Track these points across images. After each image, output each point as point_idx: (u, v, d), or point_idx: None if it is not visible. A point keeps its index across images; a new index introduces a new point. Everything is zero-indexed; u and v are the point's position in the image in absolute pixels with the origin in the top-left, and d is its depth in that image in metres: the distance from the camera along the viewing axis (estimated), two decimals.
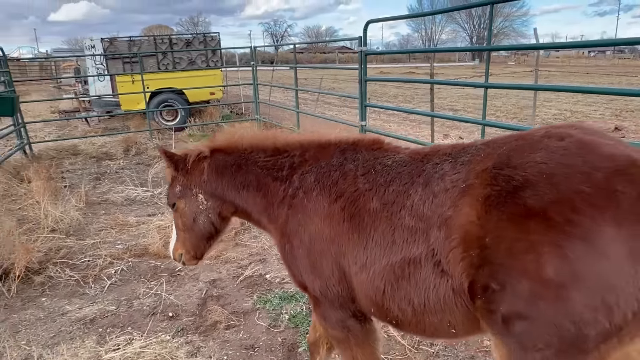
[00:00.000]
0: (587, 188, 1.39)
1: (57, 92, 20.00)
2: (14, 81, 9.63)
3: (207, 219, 2.47)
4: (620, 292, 1.32)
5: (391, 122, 13.07)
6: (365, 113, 7.03)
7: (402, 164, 1.93)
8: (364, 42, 6.54)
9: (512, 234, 1.47)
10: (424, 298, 1.73)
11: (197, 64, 12.72)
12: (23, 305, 3.91)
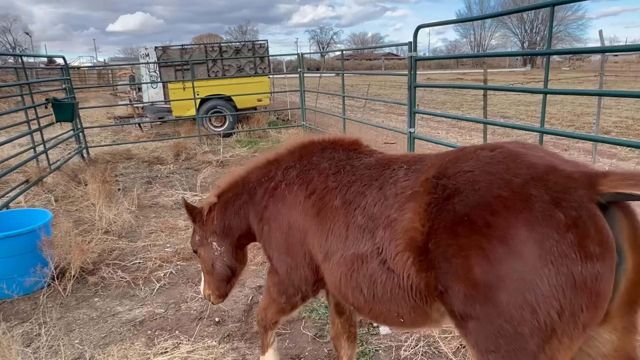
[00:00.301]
0: (505, 193, 1.49)
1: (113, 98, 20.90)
2: (76, 88, 10.12)
3: (223, 263, 2.77)
4: (537, 290, 1.39)
5: (440, 129, 12.79)
6: (414, 120, 6.87)
7: (367, 167, 2.13)
8: (414, 47, 6.40)
9: (446, 239, 1.58)
10: (372, 290, 1.90)
11: (245, 71, 12.93)
12: (77, 305, 4.02)
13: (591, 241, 1.37)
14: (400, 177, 1.92)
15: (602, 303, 1.43)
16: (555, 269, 1.38)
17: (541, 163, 1.53)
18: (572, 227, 1.38)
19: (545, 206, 1.42)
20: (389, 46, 37.20)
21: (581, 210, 1.39)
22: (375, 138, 10.85)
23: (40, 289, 4.18)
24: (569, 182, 1.45)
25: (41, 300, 4.02)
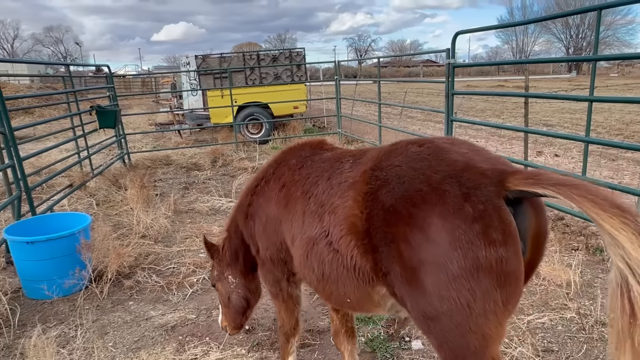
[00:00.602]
0: (425, 187, 1.69)
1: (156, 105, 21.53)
2: (119, 96, 10.47)
3: (238, 295, 2.99)
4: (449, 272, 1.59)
5: (479, 137, 12.47)
6: (452, 128, 6.71)
7: (323, 161, 2.34)
8: (452, 54, 6.26)
9: (382, 227, 1.77)
10: (322, 269, 2.08)
11: (282, 79, 13.05)
12: (113, 308, 4.11)
13: (494, 230, 1.57)
14: (346, 168, 2.12)
15: (515, 282, 1.62)
16: (463, 253, 1.58)
17: (461, 160, 1.72)
18: (478, 218, 1.57)
19: (457, 200, 1.62)
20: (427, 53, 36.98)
21: (487, 204, 1.59)
22: None
23: (79, 291, 4.30)
24: (481, 179, 1.63)
25: (79, 302, 4.13)
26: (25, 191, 5.33)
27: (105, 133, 10.69)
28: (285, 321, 2.81)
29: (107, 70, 10.58)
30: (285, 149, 2.71)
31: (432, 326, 1.71)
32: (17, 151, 5.21)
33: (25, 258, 4.22)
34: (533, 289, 4.02)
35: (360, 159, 2.11)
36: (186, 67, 13.12)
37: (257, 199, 2.66)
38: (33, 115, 19.40)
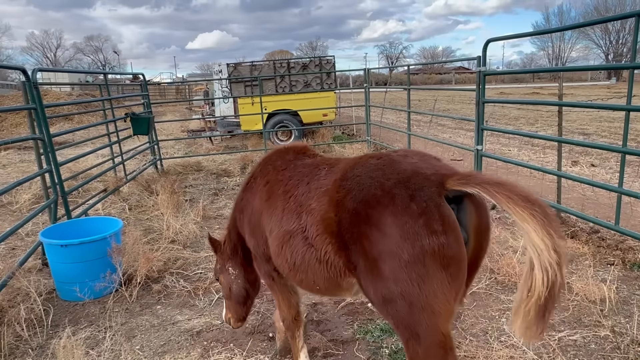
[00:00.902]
0: (379, 192, 2.00)
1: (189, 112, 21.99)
2: (153, 103, 10.75)
3: (238, 285, 3.21)
4: (401, 259, 1.88)
5: (511, 145, 12.20)
6: (482, 137, 6.59)
7: (304, 166, 2.65)
8: (483, 61, 6.16)
9: (349, 227, 2.08)
10: (294, 259, 2.38)
11: (312, 87, 13.12)
12: (141, 311, 4.19)
13: (435, 222, 1.86)
14: (322, 176, 2.43)
15: (457, 263, 1.90)
16: (411, 243, 1.87)
17: (409, 169, 2.05)
18: (422, 214, 1.88)
19: (404, 201, 1.93)
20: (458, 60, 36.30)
21: (429, 202, 1.89)
22: (441, 154, 10.55)
23: (109, 294, 4.41)
24: (424, 182, 1.95)
25: (109, 304, 4.24)
26: (62, 195, 5.52)
27: (139, 139, 10.96)
28: (285, 313, 3.00)
29: (142, 78, 10.89)
30: (272, 151, 3.03)
31: (390, 308, 1.99)
32: (55, 156, 5.40)
33: (59, 260, 4.36)
34: (565, 304, 3.88)
35: (333, 167, 2.43)
36: (218, 75, 13.37)
37: (246, 194, 2.98)
38: (72, 121, 20.11)
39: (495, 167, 8.54)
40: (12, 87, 46.51)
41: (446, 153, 10.89)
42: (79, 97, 28.87)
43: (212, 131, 14.77)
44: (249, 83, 13.02)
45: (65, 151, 9.26)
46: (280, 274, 2.79)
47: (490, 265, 4.55)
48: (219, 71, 13.51)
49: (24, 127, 21.61)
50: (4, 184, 9.22)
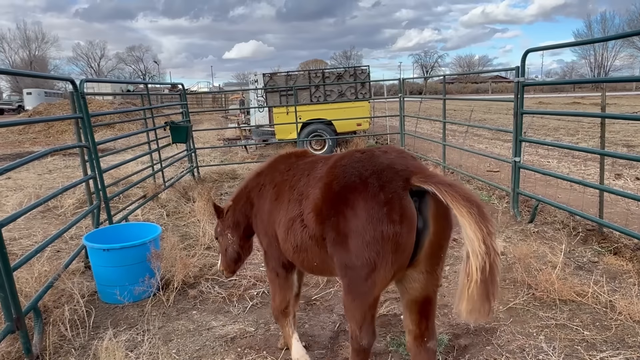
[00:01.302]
0: (357, 180, 2.40)
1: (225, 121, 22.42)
2: (191, 112, 11.04)
3: (233, 249, 3.69)
4: (364, 239, 2.30)
5: (550, 157, 11.86)
6: (520, 148, 6.46)
7: (307, 163, 3.04)
8: (522, 72, 6.06)
9: (329, 206, 2.50)
10: (296, 241, 2.78)
11: (346, 96, 13.18)
12: (177, 316, 4.29)
13: (395, 213, 2.25)
14: (319, 168, 2.83)
15: (404, 250, 2.31)
16: (374, 226, 2.28)
17: (385, 163, 2.42)
18: (387, 203, 2.26)
19: (375, 189, 2.32)
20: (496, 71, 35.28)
21: (394, 194, 2.27)
22: (477, 165, 10.39)
23: (147, 298, 4.53)
24: (394, 176, 2.32)
25: (147, 308, 4.36)
26: (104, 201, 5.74)
27: (177, 147, 11.26)
28: (277, 304, 3.37)
29: (181, 88, 11.21)
30: (277, 157, 3.41)
31: (347, 272, 2.47)
32: (99, 164, 5.62)
33: (101, 264, 4.53)
34: (607, 323, 3.75)
35: (327, 161, 2.82)
36: (254, 85, 13.61)
37: (258, 200, 3.33)
38: (114, 128, 20.86)
39: (534, 179, 8.33)
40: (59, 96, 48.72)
41: (482, 164, 10.71)
42: (120, 105, 29.94)
43: (247, 140, 15.02)
44: (284, 93, 13.19)
45: (107, 158, 9.61)
46: (285, 269, 3.24)
47: (527, 280, 4.44)
48: (255, 81, 13.75)
49: (69, 134, 22.56)
50: (50, 189, 9.65)
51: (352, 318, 2.56)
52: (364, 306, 2.49)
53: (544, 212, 6.65)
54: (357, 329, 2.55)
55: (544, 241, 5.54)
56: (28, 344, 3.48)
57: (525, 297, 4.25)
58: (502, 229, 6.21)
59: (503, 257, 5.28)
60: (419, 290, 2.51)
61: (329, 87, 13.19)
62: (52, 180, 11.18)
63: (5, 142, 20.92)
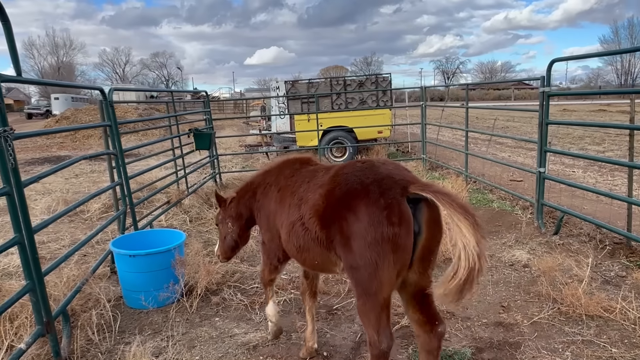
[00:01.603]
0: (359, 187, 2.62)
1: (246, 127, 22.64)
2: (215, 119, 11.18)
3: (232, 237, 3.96)
4: (366, 240, 2.51)
5: (575, 167, 11.65)
6: (545, 159, 6.37)
7: (309, 171, 3.27)
8: (548, 82, 5.99)
9: (332, 211, 2.73)
10: (299, 242, 3.03)
11: (367, 104, 13.19)
12: (200, 322, 4.35)
13: (394, 216, 2.47)
14: (320, 175, 3.08)
15: (404, 250, 2.51)
16: (374, 229, 2.49)
17: (384, 172, 2.65)
18: (386, 208, 2.48)
19: (376, 196, 2.53)
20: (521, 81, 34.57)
21: (393, 200, 2.50)
22: (500, 174, 10.26)
23: (171, 304, 4.61)
24: (393, 184, 2.56)
25: (171, 314, 4.43)
26: (130, 207, 5.86)
27: (200, 153, 11.42)
28: (265, 278, 3.75)
29: (205, 95, 11.38)
30: (283, 161, 3.65)
31: (354, 273, 2.64)
32: (126, 170, 5.75)
33: (127, 270, 4.62)
34: (636, 340, 3.66)
35: (329, 170, 3.06)
36: (276, 92, 13.72)
37: (264, 199, 3.61)
38: (137, 134, 21.24)
39: (559, 189, 8.19)
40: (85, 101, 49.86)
41: (505, 173, 10.57)
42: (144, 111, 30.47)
43: (268, 146, 15.13)
44: (306, 100, 13.27)
45: (132, 164, 9.79)
46: (279, 261, 3.57)
47: (553, 294, 4.37)
48: (277, 88, 13.87)
49: (94, 139, 23.07)
50: (77, 193, 9.89)
51: (368, 322, 2.67)
52: (376, 307, 2.61)
53: (569, 224, 6.54)
54: (374, 334, 2.63)
55: (569, 254, 5.45)
56: (57, 347, 3.57)
57: (550, 312, 4.18)
58: (526, 240, 6.13)
59: (527, 269, 5.21)
60: (418, 285, 2.73)
61: (350, 94, 13.22)
62: (78, 184, 11.45)
63: (34, 146, 21.50)
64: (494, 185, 8.81)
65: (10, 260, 5.82)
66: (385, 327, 2.65)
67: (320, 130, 12.23)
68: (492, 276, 5.11)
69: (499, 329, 4.02)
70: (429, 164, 11.96)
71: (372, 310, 2.61)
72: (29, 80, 7.59)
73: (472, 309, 4.39)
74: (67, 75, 77.81)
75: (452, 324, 4.13)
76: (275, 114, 13.76)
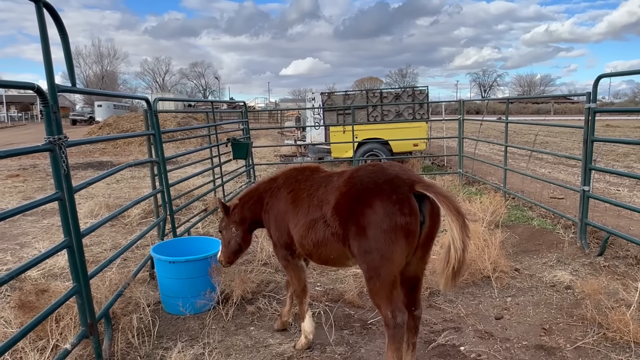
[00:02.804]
0: (373, 186, 3.09)
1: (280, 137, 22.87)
2: (252, 129, 11.36)
3: (236, 242, 4.31)
4: (382, 227, 2.97)
5: (621, 185, 11.21)
6: (590, 177, 6.16)
7: (321, 177, 3.68)
8: (594, 97, 5.82)
9: (349, 207, 3.16)
10: (317, 238, 3.42)
11: (403, 116, 13.11)
12: (236, 331, 4.39)
13: (405, 208, 2.94)
14: (334, 180, 3.50)
15: (414, 235, 2.99)
16: (389, 218, 2.94)
17: (393, 173, 3.10)
18: (398, 202, 2.95)
19: (388, 193, 2.99)
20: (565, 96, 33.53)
21: (403, 195, 2.97)
22: (540, 191, 9.98)
23: (207, 311, 4.67)
24: (401, 183, 3.02)
25: (207, 321, 4.49)
26: (170, 214, 6.00)
27: (237, 163, 11.60)
28: (296, 285, 4.01)
29: (242, 105, 11.59)
30: (291, 169, 4.05)
31: (367, 257, 3.06)
32: (167, 178, 5.90)
33: (166, 276, 4.72)
34: None
35: (342, 175, 3.46)
36: (311, 102, 13.83)
37: (272, 200, 3.96)
38: (175, 143, 21.77)
39: (603, 208, 7.90)
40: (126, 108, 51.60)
41: (545, 190, 10.28)
42: (183, 119, 31.25)
43: (303, 157, 15.23)
44: (342, 111, 13.31)
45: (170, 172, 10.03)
46: (293, 257, 3.91)
47: (598, 318, 4.20)
48: (312, 99, 13.98)
49: (134, 145, 23.79)
50: (118, 198, 10.21)
51: (381, 301, 3.07)
52: (387, 286, 3.02)
53: (614, 245, 6.29)
54: (388, 311, 3.03)
55: (615, 277, 5.23)
56: (99, 349, 3.67)
57: (595, 337, 4.02)
58: (569, 260, 5.92)
59: (569, 291, 5.03)
60: (413, 272, 3.23)
61: (386, 106, 13.19)
62: (119, 189, 11.82)
63: (78, 151, 22.34)
64: (533, 203, 8.57)
65: (55, 262, 6.05)
66: (397, 302, 3.07)
67: (356, 142, 12.22)
68: (532, 297, 4.96)
69: (540, 352, 3.89)
70: (465, 178, 11.76)
71: (384, 289, 3.03)
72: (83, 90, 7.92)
73: (511, 330, 4.27)
74: (110, 84, 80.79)
75: (491, 344, 4.03)
76: (310, 125, 13.84)
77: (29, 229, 8.11)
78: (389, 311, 3.02)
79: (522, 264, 5.90)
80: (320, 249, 3.43)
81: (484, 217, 7.15)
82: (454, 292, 5.12)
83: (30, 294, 4.12)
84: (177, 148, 20.90)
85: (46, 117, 3.13)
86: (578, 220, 6.48)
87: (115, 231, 7.90)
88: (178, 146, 21.52)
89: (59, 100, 3.27)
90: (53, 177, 3.26)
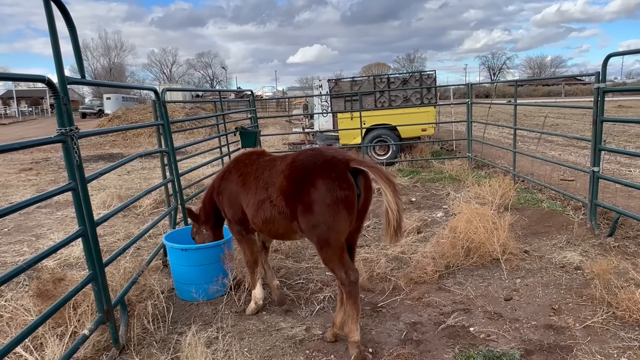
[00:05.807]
0: (314, 167, 3.50)
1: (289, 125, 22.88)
2: (259, 118, 11.39)
3: (209, 241, 4.83)
4: (325, 202, 3.39)
5: (633, 166, 11.10)
6: (599, 158, 6.13)
7: (267, 161, 4.10)
8: (603, 77, 5.76)
9: (293, 188, 3.57)
10: (266, 216, 3.85)
11: (411, 101, 13.05)
12: (248, 315, 4.47)
13: (344, 183, 3.38)
14: (278, 164, 3.89)
15: (353, 206, 3.44)
16: (330, 193, 3.37)
17: (330, 155, 3.53)
18: (337, 178, 3.38)
19: (328, 171, 3.41)
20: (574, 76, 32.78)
21: (341, 172, 3.40)
22: (550, 173, 9.93)
23: (220, 297, 4.76)
24: (338, 162, 3.46)
25: (220, 307, 4.59)
26: (181, 203, 6.08)
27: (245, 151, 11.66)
28: (248, 257, 4.45)
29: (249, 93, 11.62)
30: (239, 155, 4.49)
31: (315, 230, 3.47)
32: (177, 168, 5.98)
33: (179, 263, 4.81)
34: None
35: (285, 158, 3.88)
36: (319, 90, 13.80)
37: (224, 183, 4.39)
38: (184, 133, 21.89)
39: (613, 189, 7.85)
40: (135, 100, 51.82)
41: (555, 172, 10.22)
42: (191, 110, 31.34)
43: (311, 144, 15.23)
44: (349, 98, 13.28)
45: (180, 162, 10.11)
46: (247, 232, 4.35)
47: (607, 297, 4.22)
48: (320, 86, 13.94)
49: (144, 137, 23.95)
50: (129, 189, 10.33)
51: (334, 265, 3.52)
52: (337, 251, 3.48)
53: (625, 226, 6.27)
54: (342, 272, 3.50)
55: (625, 257, 5.23)
56: (116, 334, 3.78)
57: (604, 316, 4.04)
58: (578, 242, 5.92)
59: (579, 272, 5.04)
60: (350, 239, 3.67)
61: (394, 92, 13.13)
62: (130, 180, 11.96)
63: (88, 144, 22.57)
64: (543, 185, 8.54)
65: (71, 252, 6.17)
66: (348, 264, 3.55)
67: (364, 128, 12.21)
68: (541, 278, 4.98)
69: (549, 331, 3.93)
70: (474, 162, 11.72)
71: (335, 254, 3.48)
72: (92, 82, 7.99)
73: (520, 311, 4.30)
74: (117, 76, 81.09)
75: (500, 325, 4.07)
76: (318, 112, 13.84)
77: (43, 221, 8.27)
78: (343, 272, 3.49)
79: (531, 246, 5.91)
80: (269, 225, 3.87)
81: (493, 201, 7.16)
82: (464, 274, 5.16)
83: (47, 282, 4.22)
84: (186, 138, 21.03)
85: (57, 109, 3.20)
86: (588, 201, 6.46)
87: (127, 221, 8.03)
88: (187, 136, 21.63)
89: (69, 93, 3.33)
90: (66, 167, 3.33)
